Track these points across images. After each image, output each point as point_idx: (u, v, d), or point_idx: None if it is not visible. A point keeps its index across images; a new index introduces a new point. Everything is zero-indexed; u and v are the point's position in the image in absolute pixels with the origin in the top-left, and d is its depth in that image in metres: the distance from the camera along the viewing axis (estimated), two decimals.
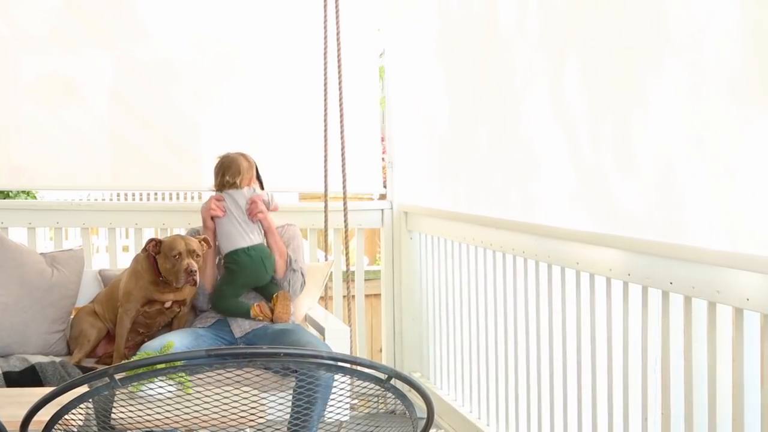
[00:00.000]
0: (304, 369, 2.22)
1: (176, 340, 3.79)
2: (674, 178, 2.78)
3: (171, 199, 9.30)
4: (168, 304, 4.05)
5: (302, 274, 4.19)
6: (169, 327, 4.15)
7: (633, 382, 3.09)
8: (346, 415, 2.60)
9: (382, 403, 5.16)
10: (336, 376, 2.21)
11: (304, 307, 4.42)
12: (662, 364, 2.93)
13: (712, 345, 2.69)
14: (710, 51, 2.55)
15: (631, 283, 3.08)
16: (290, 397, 3.30)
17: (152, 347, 3.71)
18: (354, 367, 2.21)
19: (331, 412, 2.44)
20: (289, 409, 3.16)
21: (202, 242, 4.00)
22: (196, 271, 3.93)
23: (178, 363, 2.02)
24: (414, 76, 5.09)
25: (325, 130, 4.76)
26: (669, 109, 2.77)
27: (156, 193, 9.16)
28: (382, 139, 5.64)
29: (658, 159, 2.85)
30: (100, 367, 3.40)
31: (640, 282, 3.02)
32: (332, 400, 2.35)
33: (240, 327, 4.06)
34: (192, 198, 8.78)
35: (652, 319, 2.98)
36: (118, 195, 8.60)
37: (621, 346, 3.15)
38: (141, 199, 9.20)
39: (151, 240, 4.05)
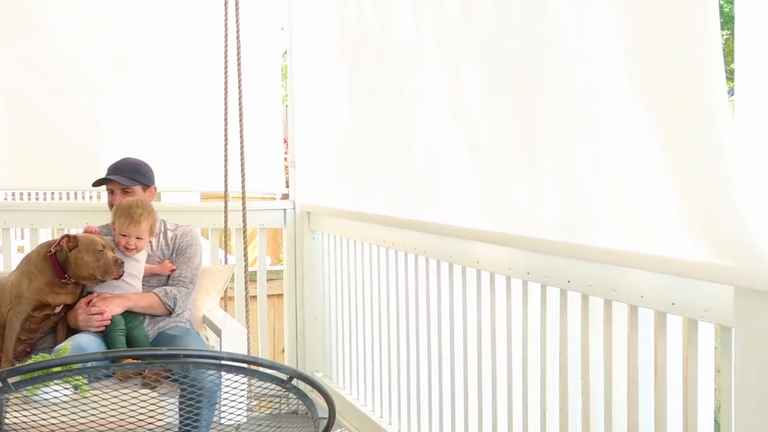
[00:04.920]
0: (193, 372, 2.20)
1: (87, 341, 3.76)
2: (571, 178, 2.83)
3: (68, 198, 9.10)
4: (58, 309, 3.94)
5: (188, 287, 4.15)
6: (53, 334, 4.04)
7: (532, 378, 3.14)
8: (243, 416, 2.58)
9: (284, 403, 5.15)
10: (228, 378, 2.20)
11: (203, 309, 4.37)
12: (560, 361, 2.98)
13: (608, 341, 2.75)
14: (601, 55, 2.60)
15: (530, 281, 3.13)
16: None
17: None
18: (255, 367, 2.20)
19: (231, 413, 2.41)
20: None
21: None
22: (123, 262, 3.89)
23: (75, 366, 1.98)
24: (317, 76, 5.09)
25: (225, 130, 4.71)
26: (564, 111, 2.81)
27: (53, 193, 8.96)
28: (285, 140, 5.62)
29: (556, 160, 2.90)
30: None
31: (539, 281, 3.08)
32: (231, 401, 2.33)
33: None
34: (90, 198, 8.61)
35: (550, 317, 3.04)
36: (13, 194, 8.39)
37: (521, 344, 3.20)
38: (37, 199, 8.99)
39: (65, 236, 3.93)
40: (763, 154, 2.13)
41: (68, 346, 3.61)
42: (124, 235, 3.99)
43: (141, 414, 2.20)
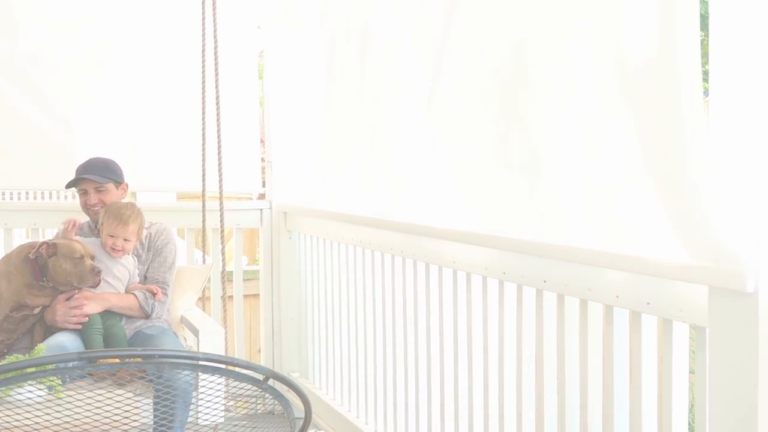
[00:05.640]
0: (166, 372, 2.19)
1: (66, 340, 3.74)
2: (547, 179, 2.84)
3: (43, 198, 9.04)
4: (37, 310, 3.92)
5: (166, 292, 4.14)
6: (30, 336, 4.01)
7: (508, 378, 3.15)
8: (221, 416, 2.58)
9: (260, 403, 5.12)
10: (205, 378, 2.19)
11: (181, 309, 4.35)
12: (536, 361, 2.99)
13: (584, 341, 2.76)
14: (577, 57, 2.61)
15: (507, 281, 3.14)
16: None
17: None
18: (231, 368, 2.19)
19: (207, 414, 2.41)
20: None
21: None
22: (101, 271, 3.87)
23: (49, 366, 1.97)
24: (294, 76, 5.07)
25: (203, 129, 4.69)
26: (540, 112, 2.82)
27: (27, 193, 8.90)
28: (262, 140, 5.60)
29: (532, 161, 2.91)
30: None
31: (515, 281, 3.08)
32: (208, 401, 2.33)
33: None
34: (65, 197, 8.56)
35: (526, 317, 3.05)
36: None
37: (497, 344, 3.20)
38: (11, 199, 8.91)
39: (44, 242, 3.91)
40: (737, 156, 2.14)
41: (43, 347, 3.59)
42: (112, 236, 3.98)
43: (116, 415, 2.19)
